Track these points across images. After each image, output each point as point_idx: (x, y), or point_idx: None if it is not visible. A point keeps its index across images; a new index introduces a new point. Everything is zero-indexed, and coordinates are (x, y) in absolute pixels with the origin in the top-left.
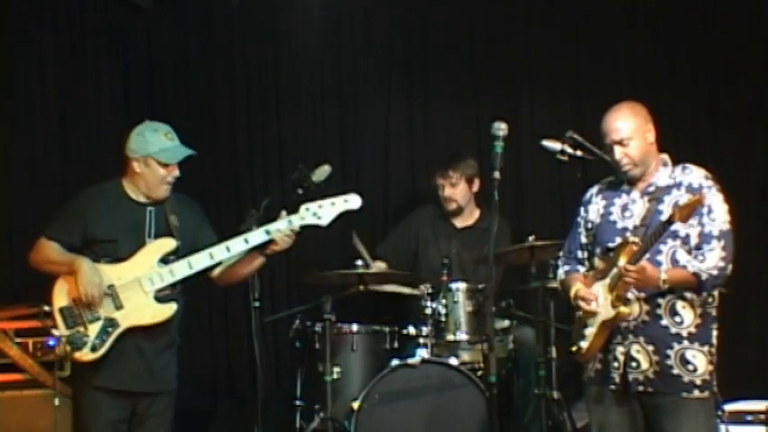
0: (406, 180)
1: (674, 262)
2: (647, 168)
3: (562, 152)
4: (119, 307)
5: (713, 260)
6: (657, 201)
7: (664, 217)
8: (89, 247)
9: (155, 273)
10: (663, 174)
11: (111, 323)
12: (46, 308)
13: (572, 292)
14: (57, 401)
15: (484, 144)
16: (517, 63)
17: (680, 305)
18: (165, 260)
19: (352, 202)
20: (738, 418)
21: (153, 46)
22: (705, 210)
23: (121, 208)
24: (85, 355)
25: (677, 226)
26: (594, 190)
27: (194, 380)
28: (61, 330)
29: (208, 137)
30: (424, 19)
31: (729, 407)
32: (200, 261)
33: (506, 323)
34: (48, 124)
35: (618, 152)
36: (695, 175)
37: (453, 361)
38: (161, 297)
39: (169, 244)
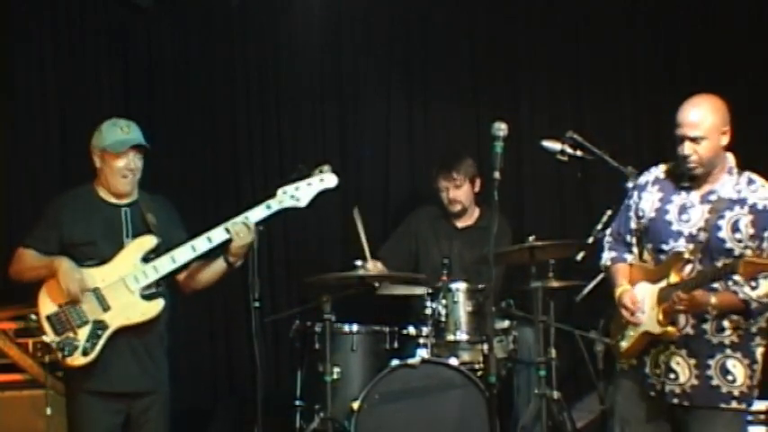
0: (406, 180)
1: (726, 280)
2: (712, 170)
3: (562, 152)
4: (106, 308)
5: (765, 288)
6: (718, 214)
7: (723, 234)
8: (68, 252)
9: (138, 271)
10: (727, 182)
11: (101, 325)
12: (32, 316)
13: (617, 292)
14: (48, 411)
15: (484, 144)
16: (517, 63)
17: (726, 323)
18: (146, 258)
19: (329, 180)
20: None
21: (153, 46)
22: (766, 234)
23: (96, 210)
24: (77, 359)
25: (732, 244)
26: (651, 177)
27: (194, 380)
28: (51, 337)
29: (208, 137)
30: (423, 19)
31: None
32: (183, 254)
33: (506, 323)
34: (48, 124)
35: (687, 148)
36: (761, 194)
37: (453, 361)
38: (147, 294)
39: (150, 241)
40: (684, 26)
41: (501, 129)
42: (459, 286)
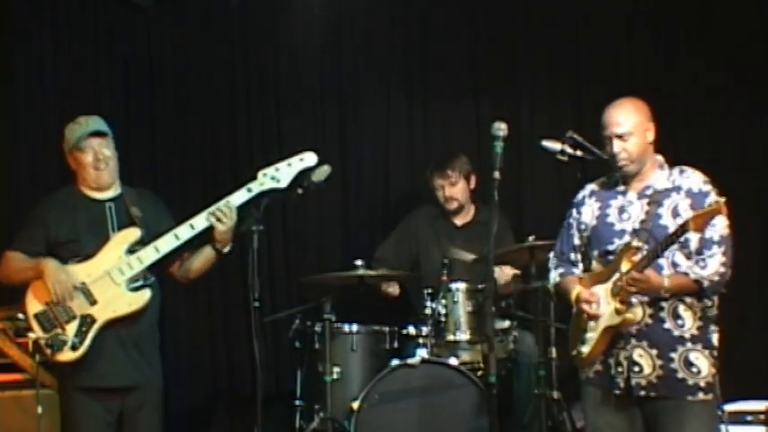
0: (407, 180)
1: (674, 266)
2: (643, 167)
3: (562, 152)
4: (93, 302)
5: (714, 266)
6: (657, 204)
7: (664, 221)
8: (55, 251)
9: (123, 263)
10: (660, 176)
11: (88, 319)
12: (20, 315)
13: (573, 295)
14: (40, 410)
15: (484, 144)
16: (517, 63)
17: (682, 308)
18: (131, 250)
19: (308, 159)
20: (738, 419)
21: (153, 46)
22: None
23: (81, 208)
24: (66, 354)
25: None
26: (587, 192)
27: (194, 380)
28: (39, 335)
29: (208, 136)
30: (424, 19)
31: (729, 407)
32: (166, 243)
33: (506, 323)
34: (48, 124)
35: (616, 146)
36: (694, 179)
37: (453, 361)
38: (134, 286)
39: (133, 234)
40: (684, 26)
41: (501, 129)
42: (459, 286)
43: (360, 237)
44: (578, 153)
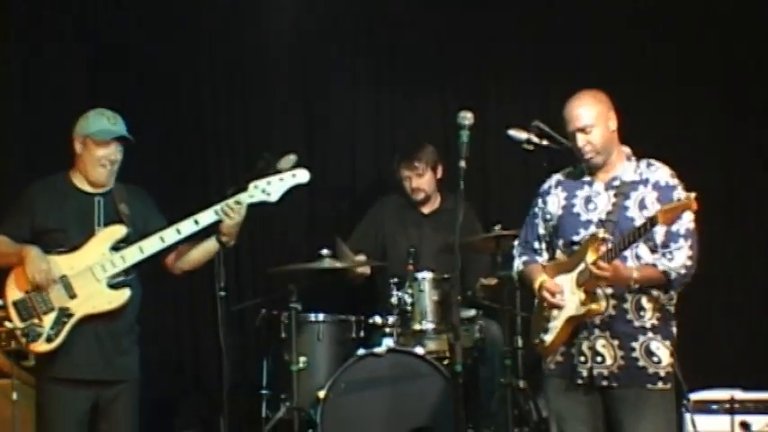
0: (372, 169)
1: (637, 258)
2: (609, 157)
3: (528, 141)
4: (72, 296)
5: (681, 259)
6: (624, 196)
7: (631, 213)
8: (39, 238)
9: (106, 260)
10: (627, 168)
11: (66, 313)
12: None
13: (536, 284)
14: (15, 396)
15: (450, 133)
16: (484, 52)
17: (645, 300)
18: (116, 247)
19: (301, 176)
20: (703, 408)
21: (118, 33)
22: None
23: (69, 198)
24: (41, 345)
25: (641, 221)
26: (553, 181)
27: (160, 370)
28: (16, 323)
29: (173, 126)
30: (390, 7)
31: (694, 396)
32: (151, 245)
33: (472, 312)
34: (14, 109)
35: (580, 139)
36: (661, 173)
37: (419, 350)
38: (114, 284)
39: (119, 231)
40: (649, 17)
41: (467, 118)
42: (426, 275)
43: (326, 226)
44: (544, 142)
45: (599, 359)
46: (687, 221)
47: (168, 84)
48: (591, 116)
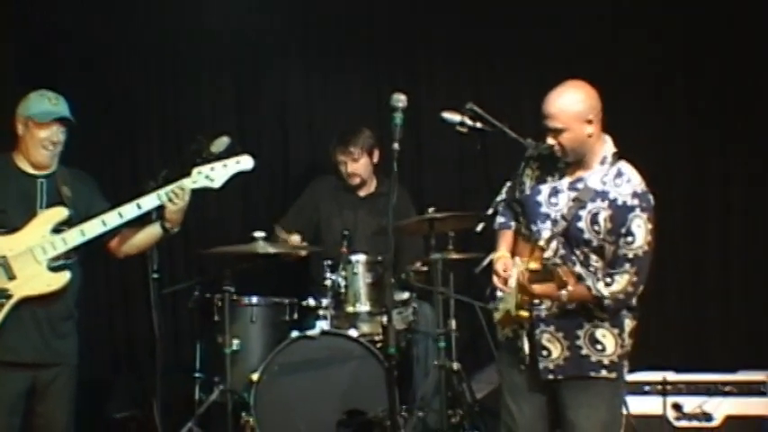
0: (306, 151)
1: (585, 265)
2: (583, 158)
3: (462, 124)
4: (11, 277)
5: (621, 284)
6: (580, 204)
7: (582, 225)
8: None
9: (47, 242)
10: (597, 172)
11: (4, 294)
12: None
13: (495, 257)
14: None
15: (383, 115)
16: (417, 33)
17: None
18: (57, 230)
19: (245, 163)
20: (636, 389)
21: (48, 11)
22: (623, 230)
23: (11, 179)
24: None
25: (591, 236)
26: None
27: (93, 352)
28: None
29: (103, 108)
30: None
31: (627, 377)
32: (92, 228)
33: (406, 295)
34: None
35: (550, 139)
36: (625, 188)
37: (353, 333)
38: (55, 266)
39: (60, 213)
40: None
41: (400, 100)
42: (359, 258)
43: (259, 208)
44: (478, 125)
45: (544, 353)
46: (637, 247)
47: (99, 67)
48: (562, 120)
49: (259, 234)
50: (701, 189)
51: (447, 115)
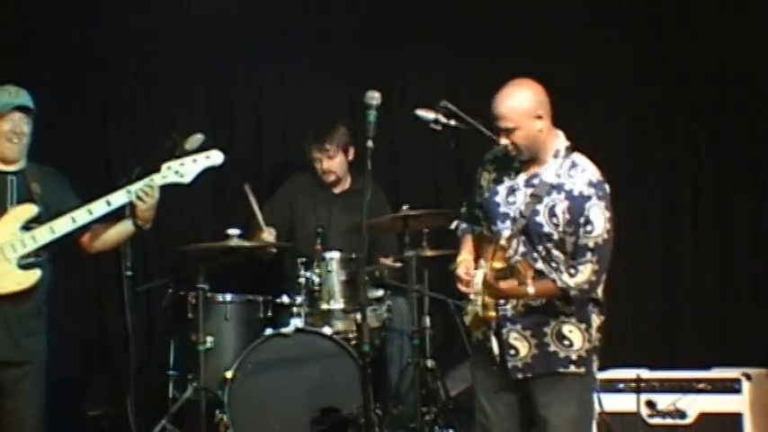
0: (279, 149)
1: (548, 261)
2: (537, 154)
3: (436, 121)
4: None
5: (585, 274)
6: (537, 199)
7: (540, 219)
8: None
9: (16, 239)
10: (552, 166)
11: None
12: None
13: (458, 260)
14: None
15: (357, 113)
16: (391, 31)
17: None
18: (27, 227)
19: (215, 158)
20: (609, 387)
21: (23, 17)
22: (582, 220)
23: None
24: None
25: (550, 229)
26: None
27: (66, 350)
28: None
29: (77, 105)
30: None
31: (601, 375)
32: (62, 225)
33: (380, 292)
34: None
35: (503, 139)
36: (580, 179)
37: (327, 330)
38: (25, 264)
39: (30, 210)
40: None
41: (374, 97)
42: (333, 255)
43: (233, 205)
44: (452, 122)
45: (513, 352)
46: (597, 235)
47: (72, 64)
48: (512, 119)
49: (233, 232)
50: (674, 190)
51: (421, 113)
